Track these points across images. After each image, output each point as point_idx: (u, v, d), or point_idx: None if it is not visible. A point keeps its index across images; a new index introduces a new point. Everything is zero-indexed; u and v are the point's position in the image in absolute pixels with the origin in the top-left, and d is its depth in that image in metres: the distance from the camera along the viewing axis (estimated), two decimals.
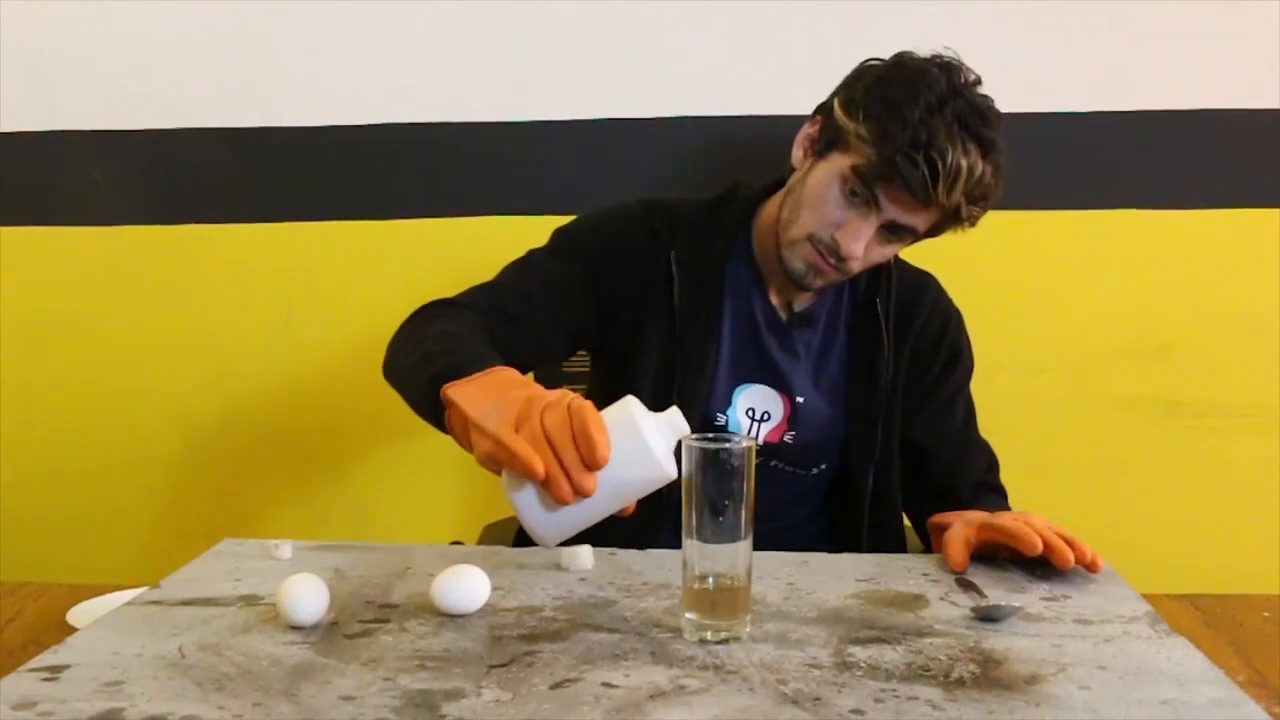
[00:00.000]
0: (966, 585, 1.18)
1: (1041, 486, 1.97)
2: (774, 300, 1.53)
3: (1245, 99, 1.91)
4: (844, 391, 1.52)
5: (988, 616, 1.09)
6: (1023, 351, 1.98)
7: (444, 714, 0.88)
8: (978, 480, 1.53)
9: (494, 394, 1.08)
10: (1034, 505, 1.34)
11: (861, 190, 1.37)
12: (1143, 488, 1.98)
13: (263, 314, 2.03)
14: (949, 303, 1.59)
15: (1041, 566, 1.23)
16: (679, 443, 1.03)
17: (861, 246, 1.39)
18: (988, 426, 1.59)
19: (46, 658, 0.99)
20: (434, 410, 1.14)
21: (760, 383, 1.51)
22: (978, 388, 1.62)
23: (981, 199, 1.38)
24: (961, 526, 1.28)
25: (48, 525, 2.07)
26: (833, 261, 1.40)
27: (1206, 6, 1.90)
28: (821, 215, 1.40)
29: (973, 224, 1.42)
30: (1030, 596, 1.16)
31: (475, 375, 1.12)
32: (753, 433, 1.51)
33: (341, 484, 2.04)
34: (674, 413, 1.07)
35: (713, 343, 1.49)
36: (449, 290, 1.78)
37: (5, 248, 2.04)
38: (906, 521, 1.60)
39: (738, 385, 1.51)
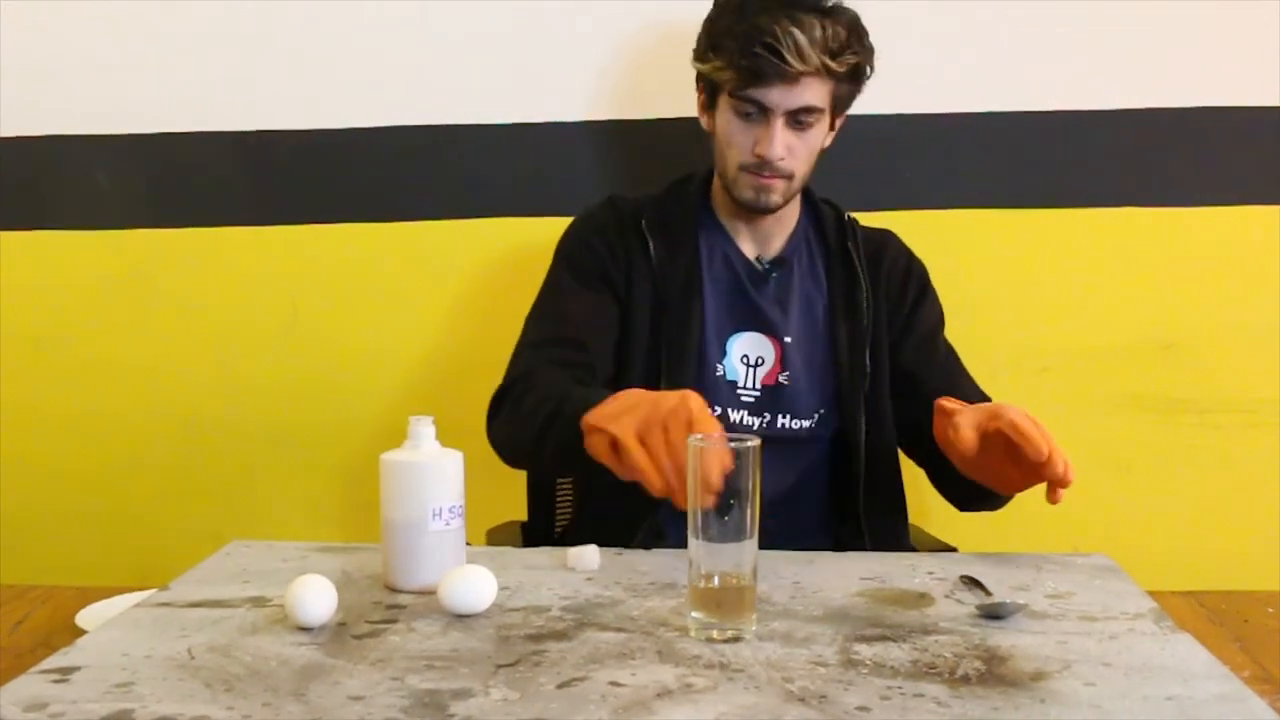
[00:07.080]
0: (972, 583, 1.19)
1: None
2: (747, 252, 1.64)
3: (1247, 96, 1.91)
4: (830, 330, 1.61)
5: (993, 614, 1.09)
6: (1026, 350, 1.97)
7: (452, 713, 0.88)
8: (971, 397, 1.51)
9: (622, 406, 1.22)
10: (1037, 503, 1.34)
11: (747, 106, 1.51)
12: (1147, 485, 1.98)
13: (268, 316, 2.03)
14: (910, 251, 1.71)
15: (1047, 563, 1.23)
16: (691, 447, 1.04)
17: (778, 146, 1.51)
18: None
19: (56, 659, 0.99)
20: (580, 447, 1.25)
21: (751, 330, 1.60)
22: (981, 384, 1.62)
23: (843, 50, 1.49)
24: (973, 412, 1.29)
25: (56, 528, 2.07)
26: (767, 173, 1.53)
27: (1208, 3, 1.90)
28: (737, 145, 1.54)
29: (858, 77, 1.55)
30: (1035, 594, 1.16)
31: (603, 402, 1.25)
32: (749, 378, 1.58)
33: (348, 485, 2.04)
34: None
35: (696, 297, 1.58)
36: (450, 291, 1.77)
37: (9, 252, 2.04)
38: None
39: (730, 335, 1.60)
